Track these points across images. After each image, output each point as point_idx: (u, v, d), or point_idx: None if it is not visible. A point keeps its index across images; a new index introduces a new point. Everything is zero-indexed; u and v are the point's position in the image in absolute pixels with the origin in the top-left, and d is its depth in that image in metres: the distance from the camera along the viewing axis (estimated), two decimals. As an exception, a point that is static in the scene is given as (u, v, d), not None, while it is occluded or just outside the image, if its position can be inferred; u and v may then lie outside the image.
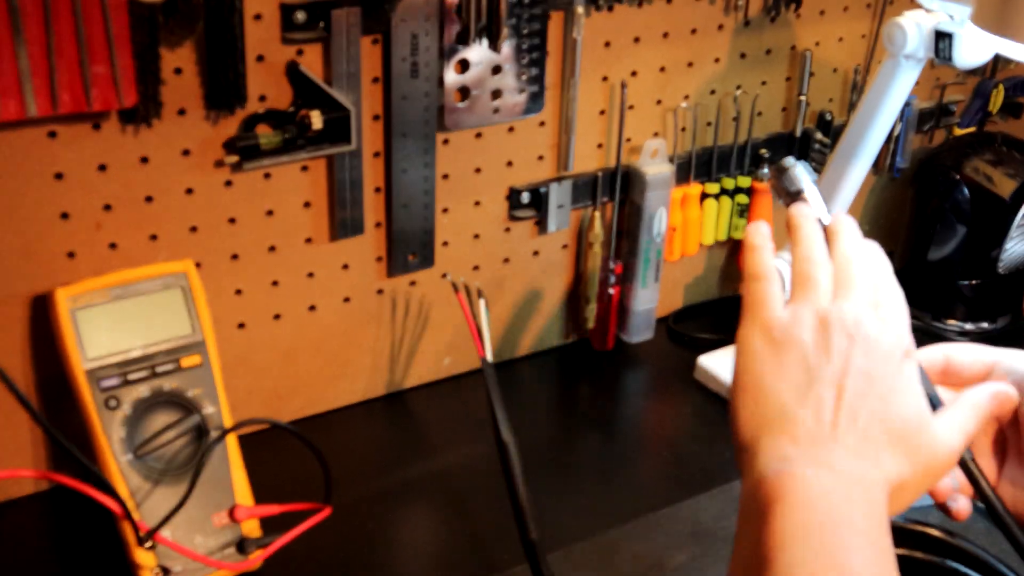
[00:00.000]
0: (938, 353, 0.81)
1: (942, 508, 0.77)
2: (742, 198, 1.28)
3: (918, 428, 0.64)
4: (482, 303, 0.96)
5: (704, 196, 1.27)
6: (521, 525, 0.85)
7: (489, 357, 0.94)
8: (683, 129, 1.23)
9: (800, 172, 0.80)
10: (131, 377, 0.91)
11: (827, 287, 0.68)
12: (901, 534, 0.85)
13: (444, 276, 1.13)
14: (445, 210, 1.12)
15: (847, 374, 0.63)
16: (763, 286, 0.68)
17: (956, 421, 0.66)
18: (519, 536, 0.86)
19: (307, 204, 1.04)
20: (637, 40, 1.16)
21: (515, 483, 0.87)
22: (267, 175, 1.01)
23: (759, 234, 0.71)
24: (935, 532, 0.84)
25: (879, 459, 0.62)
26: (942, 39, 0.98)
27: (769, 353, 0.65)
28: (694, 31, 1.19)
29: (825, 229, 0.72)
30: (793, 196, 0.81)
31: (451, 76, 1.05)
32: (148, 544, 0.87)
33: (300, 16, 0.95)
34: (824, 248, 0.71)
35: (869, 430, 0.62)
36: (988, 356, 0.80)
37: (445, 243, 1.14)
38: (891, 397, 0.64)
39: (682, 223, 1.26)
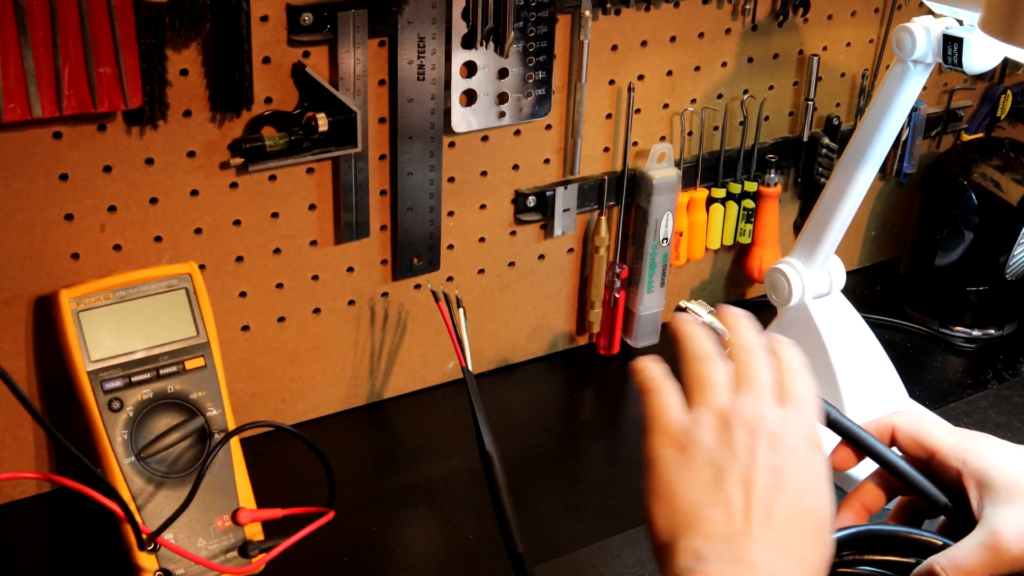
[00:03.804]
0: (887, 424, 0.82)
1: None
2: (749, 203, 1.28)
3: (829, 517, 0.65)
4: (461, 312, 0.95)
5: (711, 201, 1.27)
6: (507, 538, 0.83)
7: (469, 366, 0.93)
8: (690, 133, 1.23)
9: (698, 309, 0.85)
10: (134, 379, 0.91)
11: (723, 385, 0.68)
12: (897, 543, 0.85)
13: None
14: (451, 213, 1.12)
15: (754, 471, 0.64)
16: (656, 397, 0.69)
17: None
18: (505, 549, 0.85)
19: (312, 206, 1.04)
20: (644, 44, 1.15)
21: (500, 495, 0.85)
22: (272, 177, 1.01)
23: (641, 358, 0.72)
24: (935, 540, 0.84)
25: (801, 553, 0.62)
26: (951, 44, 0.97)
27: (674, 458, 0.66)
28: (701, 35, 1.19)
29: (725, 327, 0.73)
30: None
31: (457, 79, 1.04)
32: (150, 547, 0.87)
33: (307, 18, 0.95)
34: (713, 346, 0.71)
35: (787, 525, 0.63)
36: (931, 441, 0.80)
37: (450, 246, 1.13)
38: (804, 490, 0.64)
39: (688, 228, 1.25)
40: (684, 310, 0.89)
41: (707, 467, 0.65)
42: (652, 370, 0.71)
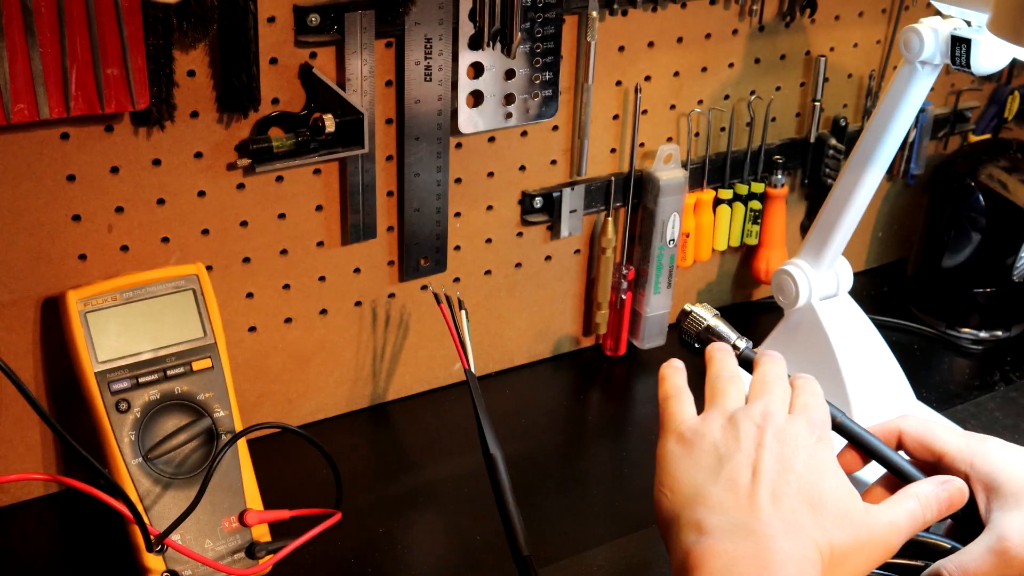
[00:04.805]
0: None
1: None
2: (755, 204, 1.28)
3: (845, 501, 0.67)
4: (463, 313, 0.95)
5: (717, 202, 1.26)
6: (512, 541, 0.83)
7: (472, 367, 0.93)
8: (697, 134, 1.23)
9: (702, 312, 0.89)
10: (142, 380, 0.91)
11: (736, 396, 0.74)
12: (904, 545, 0.85)
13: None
14: (457, 214, 1.12)
15: (760, 457, 0.68)
16: (673, 403, 0.75)
17: (897, 502, 0.71)
18: (511, 552, 0.85)
19: (319, 207, 1.04)
20: (651, 45, 1.15)
21: (504, 497, 0.85)
22: (279, 178, 1.01)
23: (670, 364, 0.79)
24: (943, 543, 0.84)
25: (806, 530, 0.65)
26: (958, 45, 0.97)
27: (681, 451, 0.71)
28: (708, 36, 1.19)
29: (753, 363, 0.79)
30: (701, 335, 0.89)
31: (464, 80, 1.04)
32: (157, 548, 0.87)
33: (314, 19, 0.95)
34: (735, 367, 0.77)
35: (794, 505, 0.66)
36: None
37: (457, 247, 1.13)
38: (811, 475, 0.67)
39: (695, 229, 1.25)
40: (688, 313, 0.90)
41: (710, 454, 0.69)
42: (674, 379, 0.77)
